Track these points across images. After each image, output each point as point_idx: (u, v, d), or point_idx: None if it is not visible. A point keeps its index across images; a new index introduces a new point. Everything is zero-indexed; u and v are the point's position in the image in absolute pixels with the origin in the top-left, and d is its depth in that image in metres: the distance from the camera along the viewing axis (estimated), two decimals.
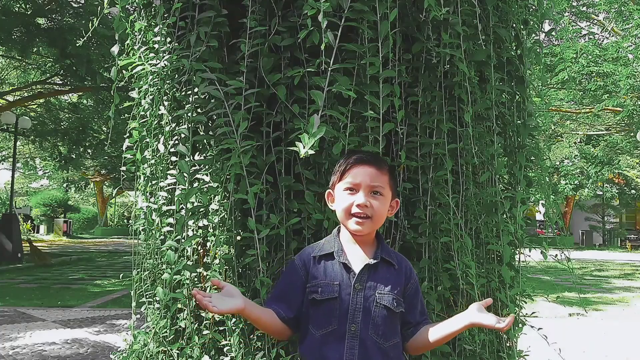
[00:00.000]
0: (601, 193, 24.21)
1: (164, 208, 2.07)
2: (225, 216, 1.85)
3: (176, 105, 2.06)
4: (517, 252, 2.12)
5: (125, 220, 31.52)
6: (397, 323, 1.40)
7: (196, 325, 1.94)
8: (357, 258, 1.40)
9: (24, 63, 13.65)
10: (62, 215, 29.21)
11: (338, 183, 1.43)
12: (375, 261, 1.39)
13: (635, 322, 5.91)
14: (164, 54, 2.01)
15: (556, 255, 2.34)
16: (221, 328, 1.88)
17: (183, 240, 1.85)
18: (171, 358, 1.95)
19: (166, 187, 2.08)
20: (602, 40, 14.60)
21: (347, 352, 1.32)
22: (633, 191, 24.66)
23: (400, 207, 1.94)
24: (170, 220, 2.04)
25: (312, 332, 1.38)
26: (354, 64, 1.77)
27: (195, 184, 1.90)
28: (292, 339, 1.76)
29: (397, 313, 1.38)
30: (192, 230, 1.97)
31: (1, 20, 9.25)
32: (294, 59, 1.89)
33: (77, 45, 8.38)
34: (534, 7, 2.31)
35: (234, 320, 1.82)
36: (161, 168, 2.10)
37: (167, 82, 2.01)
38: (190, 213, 1.86)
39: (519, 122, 2.14)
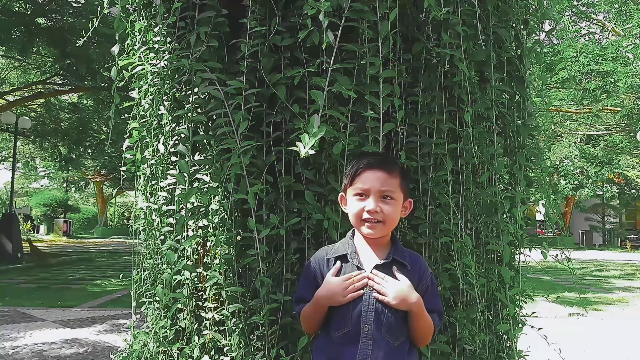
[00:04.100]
0: (601, 193, 24.20)
1: (164, 208, 2.07)
2: (225, 216, 1.85)
3: (176, 105, 2.06)
4: (517, 252, 2.12)
5: (125, 220, 31.48)
6: (406, 323, 1.40)
7: (196, 325, 1.94)
8: (370, 260, 1.40)
9: (24, 63, 13.63)
10: (62, 215, 29.15)
11: (349, 187, 1.43)
12: (384, 261, 1.38)
13: (635, 322, 5.91)
14: (164, 54, 2.01)
15: (556, 255, 2.34)
16: (221, 328, 1.88)
17: (183, 240, 1.85)
18: (171, 358, 1.95)
19: (166, 187, 2.08)
20: (602, 40, 14.59)
21: (361, 352, 1.32)
22: (633, 191, 24.63)
23: None
24: (170, 220, 2.04)
25: (328, 334, 1.38)
26: (354, 64, 1.77)
27: (195, 184, 1.90)
28: (292, 339, 1.76)
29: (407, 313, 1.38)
30: (192, 230, 1.97)
31: (1, 20, 9.25)
32: (294, 59, 1.88)
33: (77, 45, 8.36)
34: (534, 7, 2.31)
35: (234, 320, 1.82)
36: (161, 168, 2.10)
37: (167, 82, 2.01)
38: (190, 213, 1.86)
39: (519, 122, 2.14)
